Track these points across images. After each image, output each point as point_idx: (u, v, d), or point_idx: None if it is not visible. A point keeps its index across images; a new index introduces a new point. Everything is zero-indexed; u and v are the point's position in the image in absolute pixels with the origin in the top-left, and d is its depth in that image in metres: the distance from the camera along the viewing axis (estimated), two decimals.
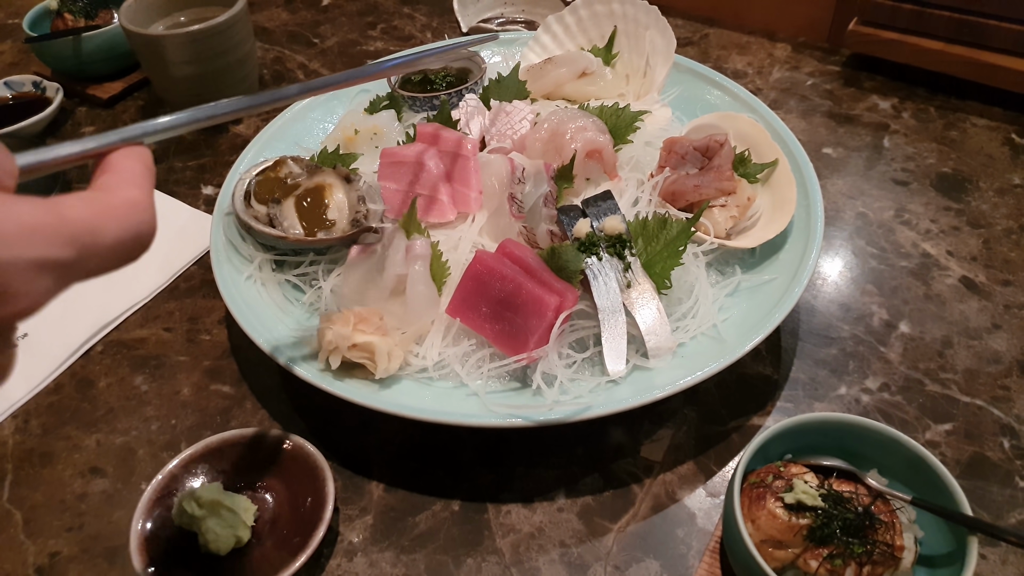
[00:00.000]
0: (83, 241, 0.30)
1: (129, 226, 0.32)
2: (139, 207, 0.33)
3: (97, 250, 0.31)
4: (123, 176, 0.35)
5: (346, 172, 0.96)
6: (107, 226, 0.31)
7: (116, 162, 0.36)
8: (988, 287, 0.95)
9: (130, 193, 0.34)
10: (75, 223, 0.30)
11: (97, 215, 0.31)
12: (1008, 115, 1.20)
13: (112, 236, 0.31)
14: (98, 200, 0.32)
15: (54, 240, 0.29)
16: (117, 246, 0.32)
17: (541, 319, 0.76)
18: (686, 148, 0.93)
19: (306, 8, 1.65)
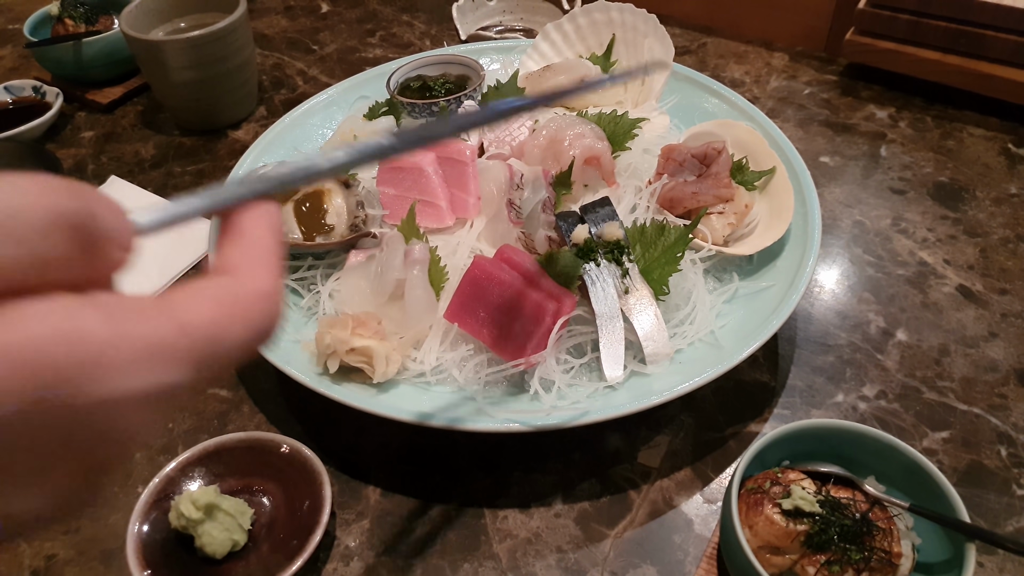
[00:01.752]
0: (203, 355, 0.24)
1: (255, 324, 0.27)
2: (268, 298, 0.28)
3: (216, 360, 0.25)
4: (252, 251, 0.29)
5: (345, 177, 0.96)
6: (232, 331, 0.26)
7: (245, 227, 0.30)
8: (985, 296, 0.95)
9: (260, 281, 0.28)
10: (197, 332, 0.24)
11: (222, 318, 0.26)
12: (1005, 125, 1.21)
13: (235, 343, 0.26)
14: (225, 295, 0.26)
15: (172, 361, 0.24)
16: (238, 349, 0.26)
17: (539, 324, 0.76)
18: (684, 155, 0.94)
19: (305, 15, 1.66)
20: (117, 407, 0.22)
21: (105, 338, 0.22)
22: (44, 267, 0.22)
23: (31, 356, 0.20)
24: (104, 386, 0.22)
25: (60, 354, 0.21)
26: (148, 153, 1.30)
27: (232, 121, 1.34)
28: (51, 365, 0.21)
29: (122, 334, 0.22)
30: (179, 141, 1.32)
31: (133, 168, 1.27)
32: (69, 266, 0.22)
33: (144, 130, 1.35)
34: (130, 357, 0.22)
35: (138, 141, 1.33)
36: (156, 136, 1.34)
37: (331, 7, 1.68)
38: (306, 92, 1.39)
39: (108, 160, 1.29)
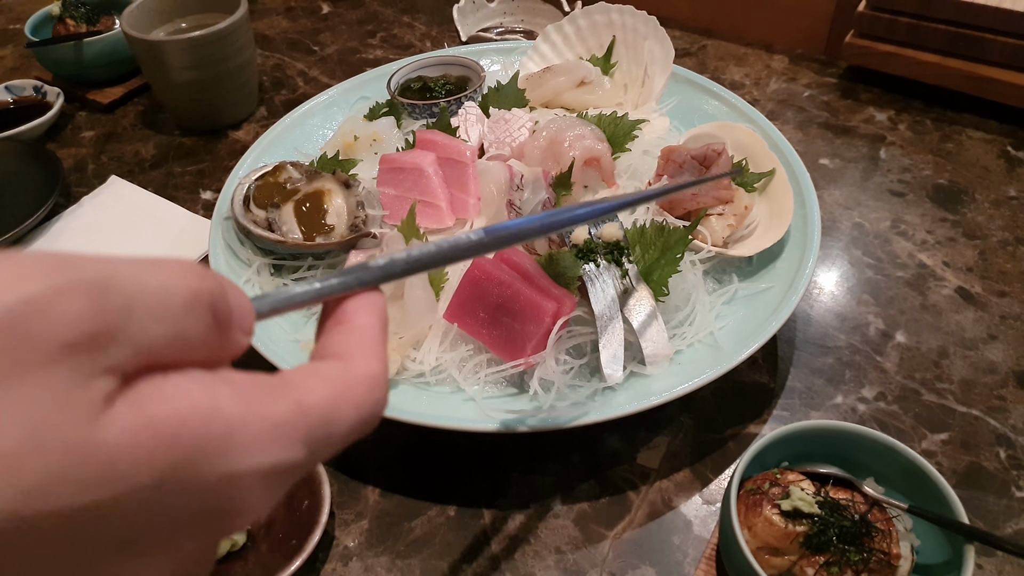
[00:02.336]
0: (317, 435, 0.25)
1: (365, 408, 0.28)
2: (377, 385, 0.28)
3: (329, 441, 0.26)
4: (360, 338, 0.30)
5: (345, 178, 0.96)
6: (344, 412, 0.27)
7: (352, 315, 0.31)
8: (984, 298, 0.95)
9: (370, 366, 0.29)
10: (313, 413, 0.26)
11: (335, 399, 0.27)
12: (1004, 128, 1.21)
13: (346, 425, 0.27)
14: (337, 378, 0.28)
15: (292, 439, 0.24)
16: (349, 432, 0.27)
17: (539, 325, 0.76)
18: (684, 157, 0.94)
19: (306, 16, 1.66)
20: (240, 482, 0.23)
21: (236, 415, 0.23)
22: (183, 344, 0.23)
23: (173, 429, 0.21)
24: (232, 461, 0.23)
25: (197, 428, 0.22)
26: (148, 153, 1.30)
27: (232, 121, 1.34)
28: (189, 438, 0.22)
29: (251, 412, 0.23)
30: (179, 141, 1.32)
31: (133, 168, 1.27)
32: (204, 344, 0.24)
33: (144, 130, 1.35)
34: (256, 434, 0.23)
35: (138, 141, 1.33)
36: (156, 136, 1.34)
37: (332, 8, 1.68)
38: (307, 93, 1.39)
39: (108, 160, 1.29)
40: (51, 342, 0.20)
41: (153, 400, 0.21)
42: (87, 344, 0.20)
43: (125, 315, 0.21)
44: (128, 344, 0.21)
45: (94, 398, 0.20)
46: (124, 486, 0.20)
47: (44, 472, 0.19)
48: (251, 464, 0.23)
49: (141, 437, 0.21)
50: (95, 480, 0.20)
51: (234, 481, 0.23)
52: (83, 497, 0.20)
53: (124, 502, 0.21)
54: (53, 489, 0.19)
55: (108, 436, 0.20)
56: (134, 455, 0.21)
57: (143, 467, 0.21)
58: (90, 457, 0.20)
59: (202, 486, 0.22)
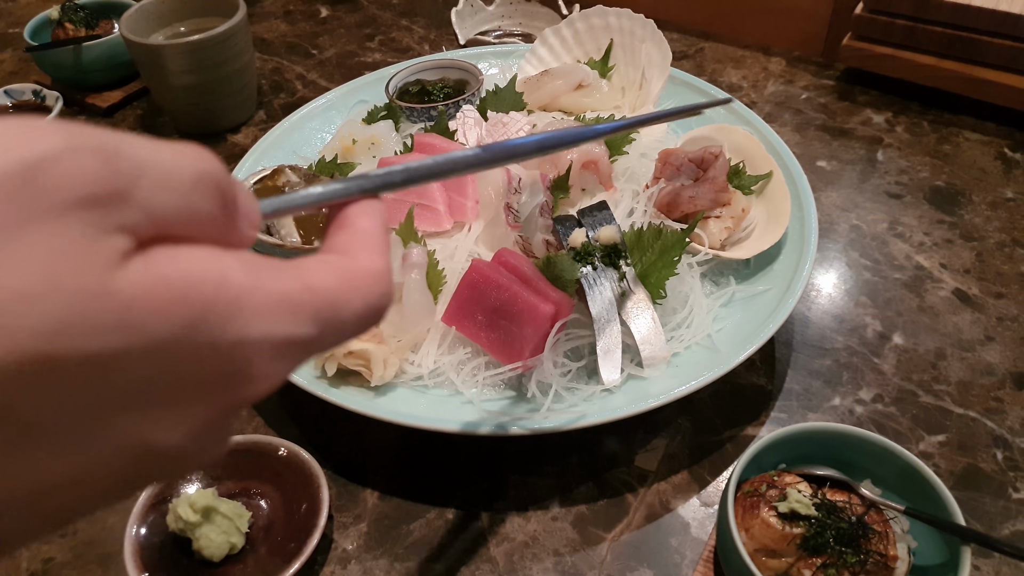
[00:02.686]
0: (325, 316, 0.27)
1: (371, 299, 0.29)
2: (381, 277, 0.30)
3: (336, 325, 0.28)
4: (363, 238, 0.31)
5: None
6: (350, 299, 0.28)
7: (354, 218, 0.32)
8: (981, 299, 0.96)
9: (373, 261, 0.30)
10: (320, 295, 0.27)
11: (341, 286, 0.28)
12: (1001, 129, 1.21)
13: (353, 311, 0.28)
14: (342, 268, 0.29)
15: (301, 315, 0.26)
16: (356, 321, 0.28)
17: (536, 328, 0.76)
18: (681, 160, 0.94)
19: (305, 20, 1.66)
20: (251, 348, 0.24)
21: (245, 284, 0.24)
22: (191, 218, 0.24)
23: (185, 289, 0.22)
24: (241, 326, 0.24)
25: (208, 290, 0.23)
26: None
27: (231, 125, 1.34)
28: (200, 299, 0.22)
29: (259, 284, 0.24)
30: None
31: None
32: (212, 222, 0.25)
33: (143, 134, 1.35)
34: (264, 304, 0.24)
35: None
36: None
37: (330, 12, 1.68)
38: (305, 96, 1.39)
39: None
40: (66, 194, 0.20)
41: (166, 262, 0.22)
42: (101, 200, 0.21)
43: (136, 179, 0.22)
44: (139, 208, 0.22)
45: (109, 252, 0.21)
46: (139, 336, 0.21)
47: (63, 313, 0.20)
48: (260, 331, 0.24)
49: (156, 291, 0.22)
50: (111, 326, 0.21)
51: (244, 346, 0.24)
52: (100, 342, 0.20)
53: (138, 353, 0.21)
54: (71, 331, 0.20)
55: (124, 286, 0.21)
56: (149, 307, 0.21)
57: (157, 320, 0.21)
58: (107, 303, 0.21)
59: (213, 346, 0.23)
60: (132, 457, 0.23)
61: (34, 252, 0.20)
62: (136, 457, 0.23)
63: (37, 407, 0.20)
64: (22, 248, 0.20)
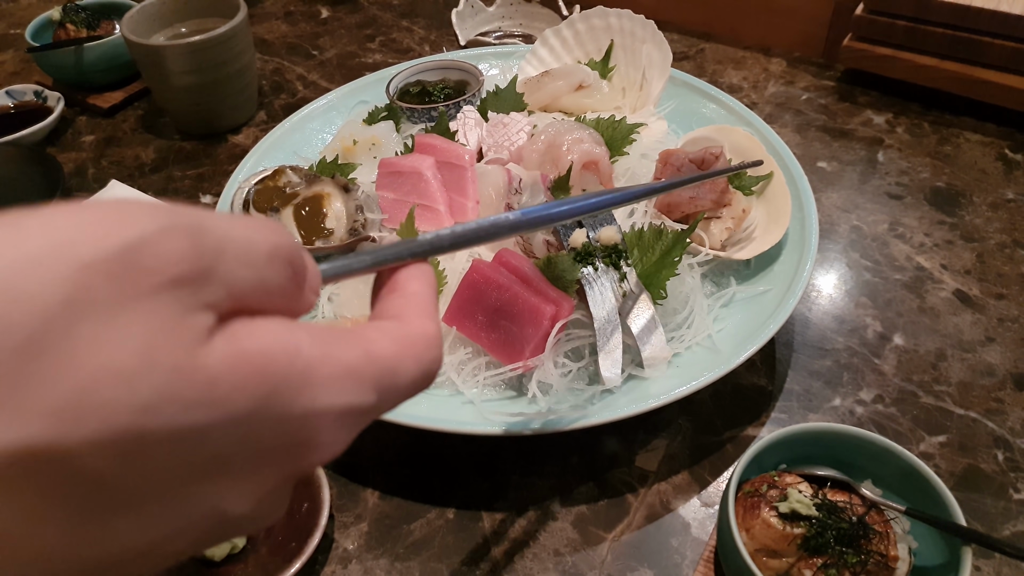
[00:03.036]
0: (385, 384, 0.28)
1: (425, 364, 0.30)
2: (433, 343, 0.31)
3: (393, 391, 0.29)
4: (415, 303, 0.33)
5: (344, 182, 0.96)
6: (406, 365, 0.29)
7: (405, 283, 0.34)
8: (982, 300, 0.96)
9: (425, 326, 0.32)
10: (380, 362, 0.28)
11: (399, 353, 0.29)
12: (1001, 130, 1.21)
13: (409, 376, 0.29)
14: (398, 334, 0.30)
15: (364, 384, 0.27)
16: (411, 385, 0.30)
17: (537, 328, 0.76)
18: (682, 160, 0.94)
19: (305, 21, 1.66)
20: (318, 419, 0.25)
21: (315, 356, 0.25)
22: (266, 292, 0.25)
23: (264, 361, 0.24)
24: (311, 397, 0.25)
25: (284, 363, 0.24)
26: (148, 157, 1.30)
27: (232, 125, 1.34)
28: (275, 372, 0.24)
29: (327, 354, 0.26)
30: (179, 145, 1.32)
31: (133, 172, 1.27)
32: (283, 295, 0.26)
33: (144, 134, 1.36)
34: (332, 375, 0.26)
35: (139, 145, 1.33)
36: (156, 140, 1.34)
37: (331, 13, 1.68)
38: (306, 97, 1.40)
39: (108, 164, 1.29)
40: (160, 275, 0.22)
41: (246, 336, 0.24)
42: (190, 279, 0.22)
43: (219, 257, 0.23)
44: (222, 284, 0.23)
45: (197, 329, 0.22)
46: (222, 411, 0.22)
47: (158, 390, 0.21)
48: (328, 402, 0.25)
49: (238, 366, 0.23)
50: (198, 402, 0.22)
51: (313, 417, 0.25)
52: (188, 418, 0.22)
53: (220, 427, 0.22)
54: (164, 407, 0.21)
55: (210, 362, 0.22)
56: (232, 382, 0.23)
57: (239, 394, 0.23)
58: (195, 379, 0.22)
59: (286, 417, 0.24)
60: (204, 526, 0.24)
61: (132, 331, 0.21)
62: (207, 525, 0.24)
63: (125, 477, 0.21)
64: (122, 327, 0.21)
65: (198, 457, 0.22)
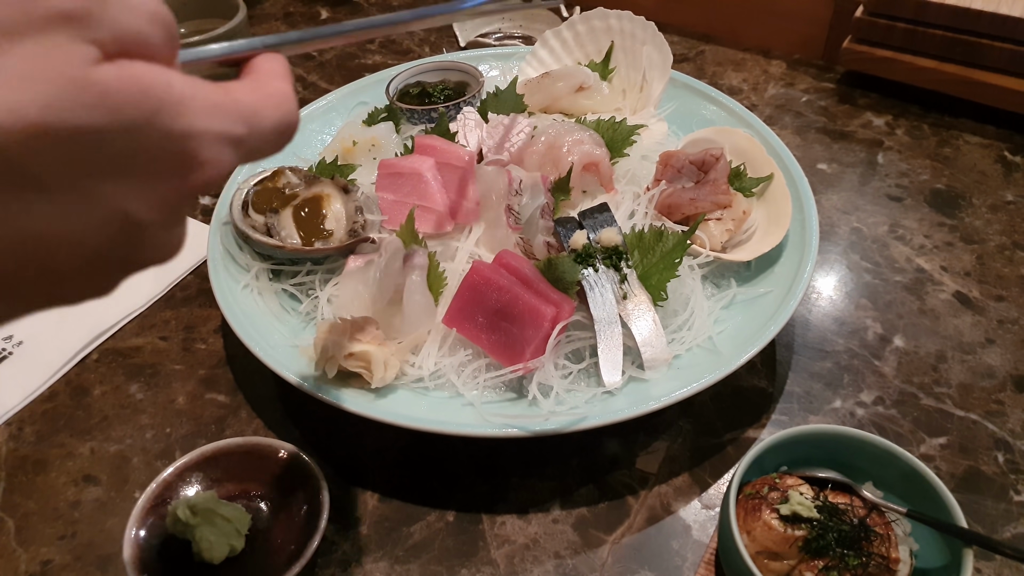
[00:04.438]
0: (251, 122, 0.34)
1: (283, 113, 0.36)
2: (288, 98, 0.37)
3: (260, 131, 0.35)
4: (270, 72, 0.39)
5: (344, 183, 0.96)
6: (267, 111, 0.35)
7: (260, 64, 0.40)
8: (982, 302, 0.96)
9: (281, 85, 0.38)
10: (244, 104, 0.34)
11: (259, 100, 0.35)
12: (1001, 133, 1.22)
13: (271, 121, 0.35)
14: (258, 88, 0.37)
15: (232, 116, 0.33)
16: (274, 130, 0.36)
17: (537, 330, 0.76)
18: (682, 162, 0.94)
19: (305, 22, 1.66)
20: (197, 139, 0.31)
21: (187, 90, 0.31)
22: (144, 46, 0.30)
23: (147, 84, 0.29)
24: (189, 120, 0.30)
25: (162, 89, 0.29)
26: None
27: None
28: (157, 95, 0.29)
29: (198, 92, 0.31)
30: None
31: None
32: (159, 54, 0.31)
33: None
34: (203, 106, 0.31)
35: None
36: None
37: (330, 14, 1.68)
38: (305, 98, 1.39)
39: None
40: (51, 8, 0.27)
41: (129, 66, 0.29)
42: (79, 16, 0.27)
43: (104, 4, 0.28)
44: (107, 26, 0.28)
45: (87, 54, 0.27)
46: (115, 117, 0.27)
47: (56, 92, 0.26)
48: (203, 125, 0.31)
49: (125, 84, 0.28)
50: (93, 105, 0.27)
51: (192, 136, 0.31)
52: (86, 117, 0.27)
53: (115, 130, 0.28)
54: (64, 105, 0.26)
55: (101, 78, 0.27)
56: (120, 94, 0.28)
57: (128, 105, 0.28)
58: (89, 88, 0.27)
59: (171, 133, 0.30)
60: (113, 225, 0.30)
61: (32, 49, 0.26)
62: (117, 225, 0.30)
63: (41, 165, 0.26)
64: (23, 46, 0.26)
65: (99, 156, 0.28)
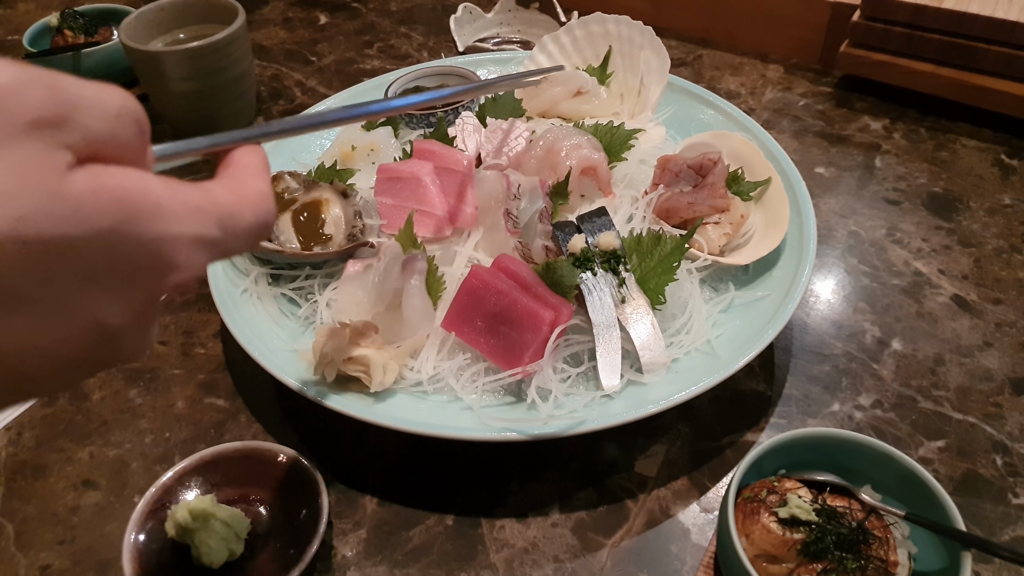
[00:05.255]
0: (227, 224, 0.34)
1: (259, 213, 0.36)
2: (265, 197, 0.37)
3: (236, 232, 0.35)
4: (249, 170, 0.39)
5: (343, 187, 0.96)
6: (244, 212, 0.35)
7: (239, 158, 0.40)
8: (979, 305, 0.96)
9: (259, 184, 0.38)
10: (222, 206, 0.34)
11: (237, 201, 0.35)
12: (997, 136, 1.22)
13: (247, 221, 0.35)
14: (236, 188, 0.37)
15: (208, 220, 0.33)
16: (250, 230, 0.36)
17: (536, 333, 0.76)
18: (680, 166, 0.94)
19: (304, 27, 1.66)
20: (172, 243, 0.31)
21: (163, 195, 0.31)
22: (116, 144, 0.30)
23: (120, 192, 0.29)
24: (163, 225, 0.30)
25: (137, 196, 0.29)
26: None
27: None
28: (130, 201, 0.29)
29: (174, 195, 0.31)
30: None
31: None
32: (131, 149, 0.31)
33: None
34: (180, 211, 0.31)
35: None
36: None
37: (329, 19, 1.68)
38: (304, 103, 1.40)
39: None
40: (24, 117, 0.26)
41: (103, 173, 0.29)
42: (49, 122, 0.27)
43: (74, 107, 0.28)
44: (77, 130, 0.28)
45: (60, 163, 0.27)
46: (87, 227, 0.27)
47: (30, 206, 0.26)
48: (177, 230, 0.31)
49: (98, 193, 0.28)
50: (67, 217, 0.27)
51: (168, 241, 0.31)
52: (59, 229, 0.27)
53: (88, 240, 0.28)
54: (38, 219, 0.26)
55: (73, 188, 0.27)
56: (95, 205, 0.28)
57: (101, 215, 0.28)
58: (63, 200, 0.27)
59: (144, 239, 0.30)
60: (89, 334, 0.30)
61: (6, 160, 0.26)
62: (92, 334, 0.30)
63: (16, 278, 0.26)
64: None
65: (72, 267, 0.28)
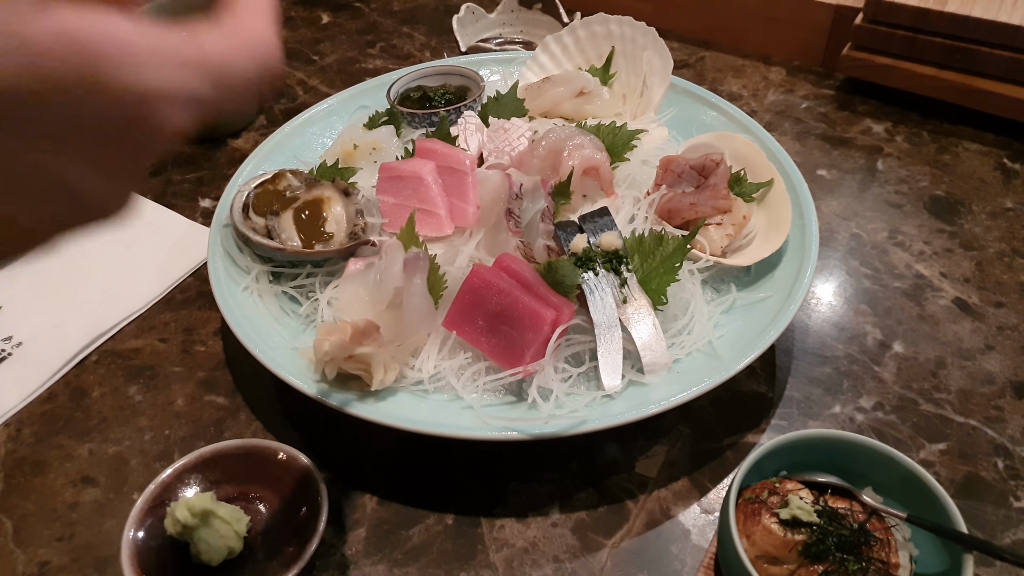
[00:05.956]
0: (216, 76, 0.31)
1: (259, 61, 0.34)
2: (267, 42, 0.35)
3: (229, 86, 0.32)
4: (250, 8, 0.36)
5: (345, 186, 0.96)
6: (240, 62, 0.33)
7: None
8: (981, 308, 0.96)
9: (259, 27, 0.35)
10: (214, 58, 0.31)
11: (231, 50, 0.32)
12: (1000, 140, 1.22)
13: (243, 72, 0.33)
14: (232, 32, 0.33)
15: (192, 71, 0.30)
16: (247, 83, 0.33)
17: (537, 333, 0.76)
18: (682, 167, 0.94)
19: (306, 26, 1.66)
20: (144, 98, 0.28)
21: (137, 42, 0.28)
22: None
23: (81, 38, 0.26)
24: (132, 78, 0.27)
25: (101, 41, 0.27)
26: None
27: (232, 130, 1.34)
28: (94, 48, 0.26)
29: (153, 43, 0.28)
30: (178, 149, 1.32)
31: None
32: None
33: None
34: (155, 61, 0.28)
35: None
36: None
37: (332, 18, 1.68)
38: (306, 102, 1.40)
39: None
40: None
41: (68, 16, 0.26)
42: None
43: None
44: None
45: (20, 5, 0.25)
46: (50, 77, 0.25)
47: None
48: (155, 82, 0.28)
49: (59, 37, 0.26)
50: (29, 66, 0.25)
51: (139, 94, 0.28)
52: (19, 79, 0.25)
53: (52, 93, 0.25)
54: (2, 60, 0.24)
55: (30, 31, 0.25)
56: (54, 50, 0.25)
57: (57, 62, 0.26)
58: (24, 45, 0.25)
59: (110, 92, 0.27)
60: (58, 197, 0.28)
61: None
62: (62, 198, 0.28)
63: None
64: None
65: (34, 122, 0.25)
